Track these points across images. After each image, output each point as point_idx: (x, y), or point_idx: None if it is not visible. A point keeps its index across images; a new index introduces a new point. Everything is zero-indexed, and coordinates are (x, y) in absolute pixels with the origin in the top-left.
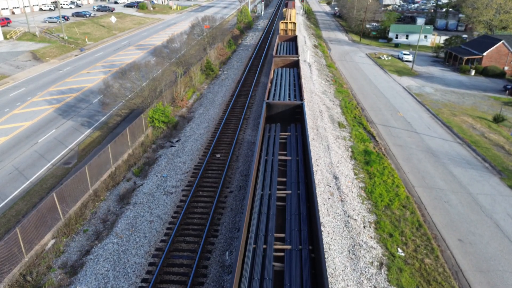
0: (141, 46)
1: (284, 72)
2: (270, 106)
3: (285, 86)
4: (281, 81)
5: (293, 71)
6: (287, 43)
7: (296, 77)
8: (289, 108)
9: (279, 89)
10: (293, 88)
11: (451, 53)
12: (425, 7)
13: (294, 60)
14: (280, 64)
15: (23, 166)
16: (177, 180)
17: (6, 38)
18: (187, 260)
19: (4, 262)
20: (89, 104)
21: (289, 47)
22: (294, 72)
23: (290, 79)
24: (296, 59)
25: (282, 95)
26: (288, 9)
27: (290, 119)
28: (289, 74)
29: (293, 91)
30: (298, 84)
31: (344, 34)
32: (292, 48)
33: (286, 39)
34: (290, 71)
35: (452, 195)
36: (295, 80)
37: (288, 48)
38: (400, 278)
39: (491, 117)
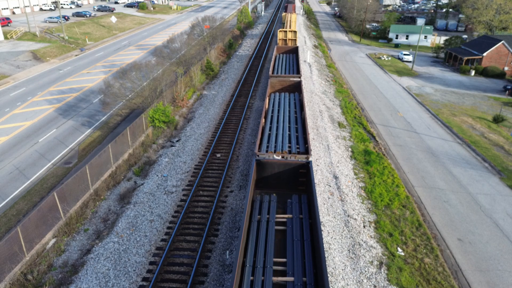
0: (141, 46)
1: (283, 99)
2: (261, 165)
3: (284, 124)
4: (279, 114)
5: (294, 98)
6: (286, 57)
7: (298, 107)
8: (289, 169)
9: (275, 130)
10: (294, 127)
11: (451, 53)
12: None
13: (295, 81)
14: (278, 87)
15: (24, 166)
16: (178, 179)
17: (6, 38)
18: (187, 259)
19: (5, 261)
20: (89, 103)
21: (288, 62)
22: (296, 100)
23: (290, 110)
24: (297, 80)
25: (280, 142)
26: (287, 14)
27: (291, 185)
28: (288, 103)
29: (294, 135)
30: (301, 120)
31: (344, 34)
32: (293, 63)
33: (285, 51)
34: (290, 99)
35: (451, 195)
36: (297, 113)
37: (287, 63)
38: (399, 277)
39: (491, 117)
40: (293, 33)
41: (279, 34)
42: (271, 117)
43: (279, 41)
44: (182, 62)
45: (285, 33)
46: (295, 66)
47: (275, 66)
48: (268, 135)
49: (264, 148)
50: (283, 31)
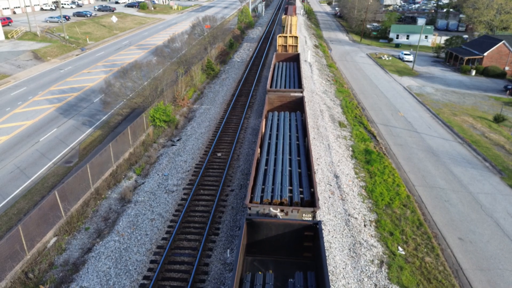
0: (142, 46)
1: (282, 120)
2: (254, 225)
3: (284, 155)
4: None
5: (296, 118)
6: (286, 66)
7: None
8: (291, 232)
9: (273, 164)
10: (296, 160)
11: (451, 53)
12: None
13: (296, 98)
14: (277, 103)
15: (25, 165)
16: (178, 178)
17: (7, 37)
18: (188, 258)
19: (7, 259)
20: (90, 103)
21: (289, 73)
22: (298, 121)
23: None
24: (299, 95)
25: (279, 183)
26: (287, 17)
27: (294, 251)
28: (289, 126)
29: (296, 172)
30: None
31: (345, 34)
32: (294, 74)
33: (285, 59)
34: (291, 120)
35: (452, 194)
36: (299, 140)
37: (288, 74)
38: (400, 276)
39: (491, 117)
40: (294, 39)
41: (279, 39)
42: (268, 145)
43: (278, 47)
44: (183, 62)
45: (285, 38)
46: (296, 77)
47: (274, 77)
48: (264, 171)
49: (258, 193)
50: (283, 36)
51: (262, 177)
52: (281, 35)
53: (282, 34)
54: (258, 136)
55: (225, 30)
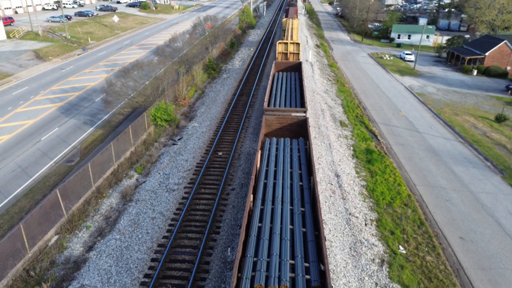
0: (143, 46)
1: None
2: None
3: (284, 205)
4: (276, 180)
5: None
6: (286, 77)
7: (305, 167)
8: None
9: (269, 221)
10: (299, 213)
11: (453, 53)
12: (427, 7)
13: (298, 119)
14: (275, 126)
15: (26, 164)
16: (179, 177)
17: (9, 37)
18: (189, 256)
19: (8, 257)
20: (91, 102)
21: (290, 86)
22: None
23: (293, 174)
24: (302, 116)
25: (275, 263)
26: (288, 20)
27: None
28: (290, 159)
29: (300, 232)
30: (309, 194)
31: (346, 34)
32: (295, 87)
33: (285, 68)
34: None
35: (453, 193)
36: (303, 179)
37: (288, 87)
38: (401, 275)
39: (493, 116)
40: (295, 46)
41: (278, 46)
42: (264, 188)
43: (278, 55)
44: (184, 61)
45: (285, 45)
46: (298, 92)
47: (273, 92)
48: (257, 232)
49: (247, 271)
50: (283, 43)
51: (255, 243)
52: (281, 42)
53: (282, 41)
54: (252, 172)
55: (226, 30)
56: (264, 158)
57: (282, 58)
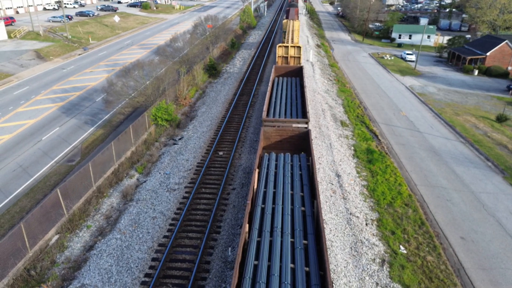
0: (144, 45)
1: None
2: None
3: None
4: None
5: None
6: (287, 83)
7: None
8: None
9: (266, 271)
10: (302, 256)
11: (454, 53)
12: (428, 8)
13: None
14: (274, 138)
15: (27, 164)
16: (180, 177)
17: (10, 37)
18: (190, 256)
19: (9, 257)
20: (92, 102)
21: (290, 93)
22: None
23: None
24: (304, 128)
25: None
26: (289, 21)
27: None
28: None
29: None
30: (313, 229)
31: (347, 34)
32: (296, 94)
33: (285, 73)
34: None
35: (454, 193)
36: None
37: (289, 94)
38: (402, 275)
39: (494, 116)
40: (296, 49)
41: (278, 50)
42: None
43: (278, 59)
44: (185, 61)
45: (286, 49)
46: (299, 99)
47: (272, 100)
48: (253, 269)
49: None
50: (283, 46)
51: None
52: (281, 45)
53: (282, 44)
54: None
55: (227, 30)
56: (262, 177)
57: (282, 62)
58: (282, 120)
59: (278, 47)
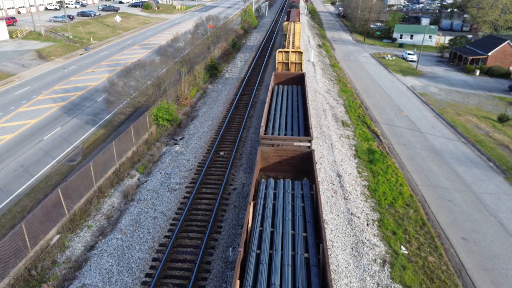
0: (145, 45)
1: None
2: None
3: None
4: (272, 255)
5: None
6: (288, 92)
7: (311, 232)
8: None
9: None
10: None
11: (456, 53)
12: (430, 8)
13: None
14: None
15: (28, 163)
16: (181, 177)
17: (11, 37)
18: (190, 256)
19: (10, 257)
20: (93, 102)
21: (291, 103)
22: (306, 203)
23: (297, 242)
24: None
25: None
26: (290, 24)
27: None
28: (292, 216)
29: None
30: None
31: (348, 34)
32: (297, 105)
33: (286, 80)
34: (295, 198)
35: (456, 194)
36: (309, 254)
37: (290, 105)
38: (403, 276)
39: (495, 117)
40: (298, 55)
41: (278, 55)
42: (256, 266)
43: (277, 65)
44: (186, 61)
45: (286, 54)
46: (301, 111)
47: (271, 113)
48: None
49: None
50: (283, 51)
51: None
52: (281, 50)
53: (282, 49)
54: (241, 239)
55: (228, 30)
56: (258, 211)
57: (282, 69)
58: (282, 138)
59: (278, 53)
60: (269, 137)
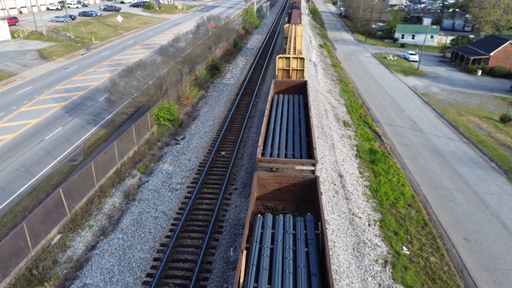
0: (147, 45)
1: (280, 240)
2: None
3: None
4: None
5: (306, 232)
6: (288, 102)
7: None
8: None
9: None
10: None
11: (457, 53)
12: (431, 8)
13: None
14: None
15: (30, 163)
16: (182, 177)
17: (13, 37)
18: (191, 256)
19: (11, 256)
20: (95, 102)
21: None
22: (310, 249)
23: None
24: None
25: None
26: (291, 26)
27: None
28: (293, 264)
29: None
30: None
31: (350, 34)
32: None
33: (286, 88)
34: (298, 241)
35: (458, 194)
36: None
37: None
38: (405, 276)
39: (498, 117)
40: (299, 61)
41: (278, 62)
42: None
43: (277, 72)
44: (187, 61)
45: (287, 60)
46: (303, 127)
47: (270, 129)
48: None
49: None
50: (284, 57)
51: None
52: (281, 56)
53: (283, 55)
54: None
55: (230, 30)
56: (252, 260)
57: (283, 76)
58: (282, 161)
59: (278, 59)
60: (267, 160)
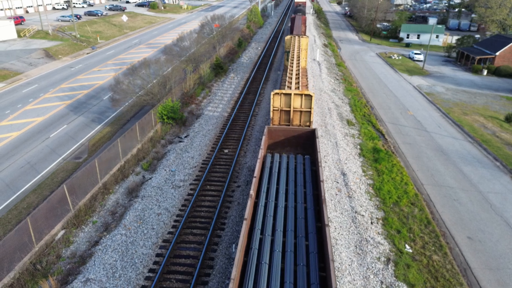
0: (151, 45)
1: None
2: None
3: None
4: None
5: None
6: (287, 169)
7: None
8: None
9: None
10: None
11: (463, 52)
12: (437, 7)
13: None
14: None
15: (35, 160)
16: (185, 174)
17: (19, 36)
18: (194, 252)
19: (15, 251)
20: (100, 100)
21: (293, 205)
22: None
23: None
24: None
25: None
26: (293, 39)
27: None
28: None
29: None
30: None
31: (355, 33)
32: (305, 207)
33: (285, 141)
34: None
35: (461, 193)
36: None
37: (290, 207)
38: (407, 274)
39: (503, 116)
40: (305, 99)
41: (274, 99)
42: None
43: (273, 113)
44: (192, 60)
45: (287, 98)
46: (312, 229)
47: (254, 238)
48: None
49: None
50: (283, 94)
51: None
52: (278, 92)
53: (280, 91)
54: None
55: (234, 29)
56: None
57: (281, 121)
58: None
59: (273, 96)
60: None
